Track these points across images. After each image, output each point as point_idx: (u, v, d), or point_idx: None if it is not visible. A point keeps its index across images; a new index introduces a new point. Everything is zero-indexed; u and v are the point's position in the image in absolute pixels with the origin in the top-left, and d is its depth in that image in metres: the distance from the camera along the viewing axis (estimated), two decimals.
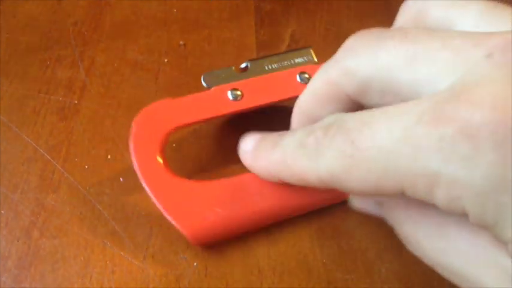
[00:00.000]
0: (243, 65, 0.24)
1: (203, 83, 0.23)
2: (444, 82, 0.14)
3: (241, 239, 0.22)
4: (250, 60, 0.24)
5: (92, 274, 0.21)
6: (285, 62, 0.24)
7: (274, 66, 0.24)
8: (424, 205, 0.16)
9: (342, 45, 0.18)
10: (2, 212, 0.23)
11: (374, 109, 0.16)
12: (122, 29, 0.31)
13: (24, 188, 0.24)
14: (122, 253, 0.21)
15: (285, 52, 0.25)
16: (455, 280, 0.15)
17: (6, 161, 0.25)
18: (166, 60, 0.30)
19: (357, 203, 0.20)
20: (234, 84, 0.23)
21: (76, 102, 0.27)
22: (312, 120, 0.20)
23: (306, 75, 0.24)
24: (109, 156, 0.25)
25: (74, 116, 0.27)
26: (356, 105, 0.18)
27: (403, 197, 0.15)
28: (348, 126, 0.16)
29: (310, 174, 0.17)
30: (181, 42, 0.31)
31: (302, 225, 0.23)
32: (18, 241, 0.22)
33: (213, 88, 0.23)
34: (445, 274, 0.16)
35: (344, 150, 0.16)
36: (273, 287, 0.21)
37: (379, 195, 0.16)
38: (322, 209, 0.23)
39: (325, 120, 0.17)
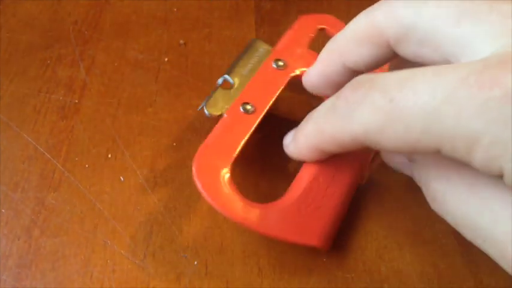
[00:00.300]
0: (220, 81, 0.24)
1: (207, 113, 0.22)
2: (487, 44, 0.15)
3: (241, 238, 0.22)
4: (225, 74, 0.24)
5: (92, 273, 0.21)
6: (253, 60, 0.24)
7: (249, 68, 0.24)
8: (458, 164, 0.16)
9: None
10: (3, 210, 0.23)
11: (413, 69, 0.16)
12: (122, 28, 0.32)
13: (25, 186, 0.24)
14: (122, 252, 0.21)
15: (244, 53, 0.25)
16: (478, 241, 0.16)
17: (7, 159, 0.25)
18: (166, 59, 0.30)
19: (388, 158, 0.21)
20: (238, 100, 0.23)
21: (76, 101, 0.27)
22: (341, 59, 0.21)
23: (281, 63, 0.24)
24: (109, 155, 0.25)
25: (74, 115, 0.27)
26: (389, 55, 0.19)
27: (437, 155, 0.15)
28: (383, 83, 0.16)
29: (344, 134, 0.18)
30: (181, 41, 0.31)
31: None
32: (18, 240, 0.22)
33: (225, 113, 0.22)
34: (468, 234, 0.16)
35: (381, 106, 0.16)
36: (273, 286, 0.21)
37: (414, 152, 0.16)
38: None
39: (352, 81, 0.18)
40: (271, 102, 0.23)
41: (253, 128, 0.22)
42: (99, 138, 0.26)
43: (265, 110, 0.23)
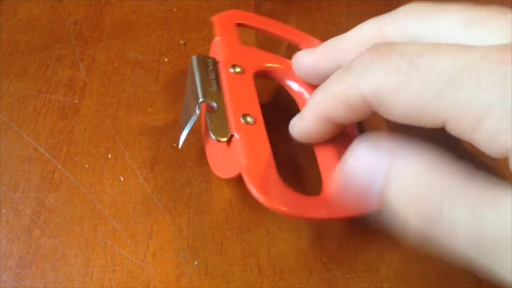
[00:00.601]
0: (198, 109, 0.23)
1: (214, 139, 0.22)
2: (496, 43, 0.15)
3: (241, 238, 0.22)
4: (200, 100, 0.23)
5: (92, 273, 0.21)
6: (211, 76, 0.24)
7: (213, 85, 0.24)
8: (453, 169, 0.15)
9: (405, 6, 0.19)
10: (3, 211, 0.23)
11: (435, 43, 0.16)
12: (122, 28, 0.32)
13: (25, 187, 0.24)
14: (122, 252, 0.22)
15: (199, 73, 0.24)
16: (486, 248, 0.14)
17: (7, 160, 0.25)
18: (166, 59, 0.30)
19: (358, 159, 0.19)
20: (234, 117, 0.22)
21: (76, 101, 0.27)
22: (338, 59, 0.21)
23: (238, 68, 0.24)
24: (109, 156, 0.25)
25: (74, 115, 0.27)
26: None
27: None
28: (404, 48, 0.16)
29: (355, 92, 0.17)
30: (181, 42, 0.31)
31: (302, 224, 0.23)
32: (19, 240, 0.22)
33: (235, 133, 0.21)
34: (471, 244, 0.15)
35: (398, 66, 0.16)
36: (273, 286, 0.21)
37: (417, 123, 0.16)
38: None
39: (370, 46, 0.18)
40: (259, 104, 0.23)
41: (267, 133, 0.22)
42: (99, 138, 0.26)
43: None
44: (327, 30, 0.32)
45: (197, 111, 0.23)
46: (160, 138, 0.26)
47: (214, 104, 0.23)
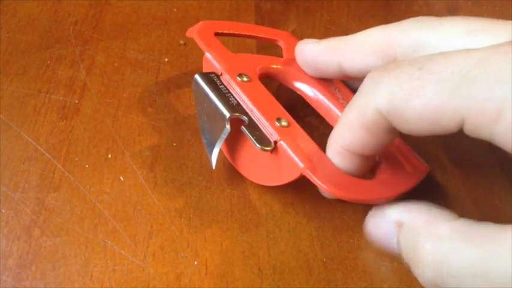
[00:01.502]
0: (226, 123, 0.22)
1: (264, 149, 0.21)
2: None
3: (241, 238, 0.22)
4: (228, 117, 0.22)
5: (92, 273, 0.21)
6: (224, 91, 0.23)
7: (231, 98, 0.23)
8: (448, 216, 0.16)
9: (411, 18, 0.20)
10: (3, 211, 0.23)
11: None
12: (122, 28, 0.32)
13: (25, 187, 0.24)
14: (122, 252, 0.21)
15: (211, 91, 0.23)
16: None
17: (7, 160, 0.25)
18: (166, 59, 0.30)
19: (371, 229, 0.20)
20: (269, 124, 0.22)
21: (76, 101, 0.27)
22: (339, 59, 0.22)
23: (245, 78, 0.24)
24: (109, 155, 0.25)
25: (74, 115, 0.27)
26: None
27: (426, 214, 0.16)
28: (411, 60, 0.16)
29: (368, 109, 0.17)
30: (181, 42, 0.31)
31: (302, 224, 0.23)
32: (19, 240, 0.22)
33: (279, 140, 0.21)
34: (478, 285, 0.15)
35: (409, 73, 0.16)
36: (273, 286, 0.21)
37: (435, 128, 0.16)
38: (321, 208, 0.23)
39: (377, 66, 0.18)
40: (274, 100, 0.23)
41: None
42: (99, 138, 0.26)
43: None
44: (327, 30, 0.32)
45: (228, 127, 0.22)
46: (160, 138, 0.26)
47: (245, 117, 0.22)
